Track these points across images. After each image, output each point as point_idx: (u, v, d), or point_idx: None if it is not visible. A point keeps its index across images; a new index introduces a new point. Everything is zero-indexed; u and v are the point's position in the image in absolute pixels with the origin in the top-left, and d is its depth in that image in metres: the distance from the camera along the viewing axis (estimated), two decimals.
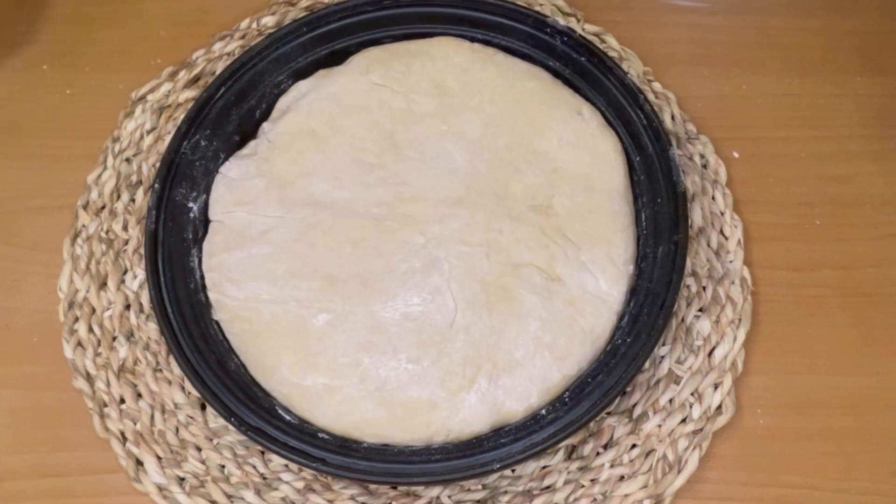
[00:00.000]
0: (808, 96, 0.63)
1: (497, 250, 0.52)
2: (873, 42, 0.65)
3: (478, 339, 0.50)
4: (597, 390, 0.48)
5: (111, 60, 0.64)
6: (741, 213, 0.58)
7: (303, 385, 0.49)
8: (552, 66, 0.58)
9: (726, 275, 0.56)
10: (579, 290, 0.51)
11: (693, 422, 0.52)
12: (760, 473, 0.52)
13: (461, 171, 0.55)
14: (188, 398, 0.53)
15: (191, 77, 0.62)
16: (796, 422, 0.53)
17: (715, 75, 0.64)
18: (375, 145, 0.55)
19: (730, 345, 0.54)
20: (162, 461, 0.51)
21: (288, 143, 0.55)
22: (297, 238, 0.53)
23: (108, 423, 0.52)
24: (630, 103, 0.56)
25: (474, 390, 0.49)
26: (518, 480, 0.51)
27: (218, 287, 0.52)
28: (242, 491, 0.50)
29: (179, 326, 0.50)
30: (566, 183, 0.54)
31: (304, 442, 0.47)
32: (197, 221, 0.54)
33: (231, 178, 0.55)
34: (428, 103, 0.57)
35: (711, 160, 0.60)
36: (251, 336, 0.51)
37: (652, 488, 0.50)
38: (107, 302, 0.55)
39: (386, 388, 0.49)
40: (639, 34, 0.64)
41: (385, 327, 0.50)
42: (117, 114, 0.61)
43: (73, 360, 0.54)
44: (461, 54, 0.58)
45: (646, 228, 0.54)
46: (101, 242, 0.57)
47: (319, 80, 0.58)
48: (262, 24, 0.64)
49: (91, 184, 0.59)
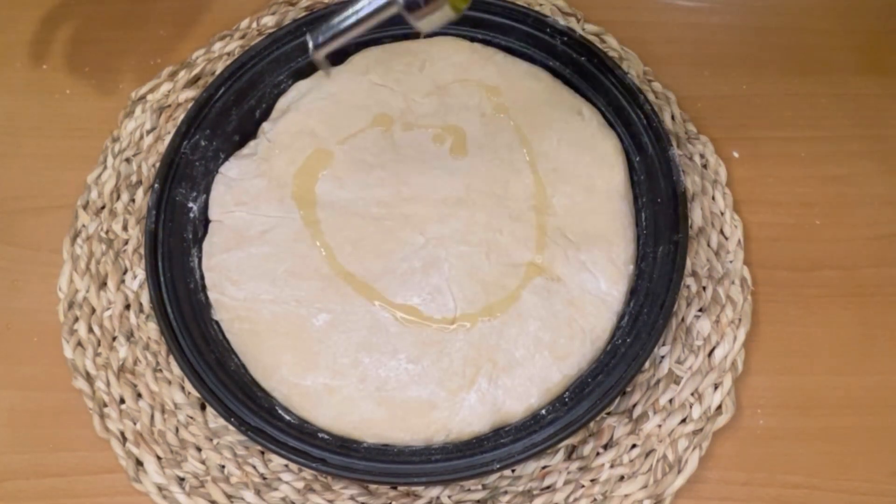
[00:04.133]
0: (808, 96, 0.63)
1: (497, 250, 0.52)
2: (873, 42, 0.65)
3: (478, 339, 0.50)
4: (597, 390, 0.48)
5: (111, 60, 0.64)
6: (741, 213, 0.58)
7: (303, 385, 0.49)
8: (552, 66, 0.58)
9: (726, 275, 0.56)
10: (579, 290, 0.51)
11: (693, 422, 0.52)
12: (760, 473, 0.52)
13: (461, 171, 0.55)
14: (188, 398, 0.53)
15: (191, 77, 0.62)
16: (796, 422, 0.53)
17: (715, 75, 0.64)
18: (375, 145, 0.56)
19: (730, 345, 0.54)
20: (162, 461, 0.51)
21: (288, 143, 0.56)
22: (297, 238, 0.53)
23: (108, 423, 0.52)
24: (630, 103, 0.56)
25: (474, 390, 0.49)
26: (518, 480, 0.51)
27: (218, 287, 0.52)
28: (242, 491, 0.50)
29: (179, 326, 0.50)
30: (566, 183, 0.54)
31: (304, 442, 0.47)
32: (197, 221, 0.54)
33: (231, 177, 0.55)
34: (428, 103, 0.57)
35: (711, 160, 0.60)
36: (251, 336, 0.51)
37: (652, 488, 0.50)
38: (107, 302, 0.55)
39: (386, 388, 0.49)
40: (639, 34, 0.64)
41: (385, 327, 0.50)
42: (117, 114, 0.61)
43: (73, 360, 0.54)
44: (461, 54, 0.58)
45: (646, 228, 0.54)
46: (101, 242, 0.57)
47: (319, 80, 0.58)
48: (262, 24, 0.64)
49: (91, 184, 0.59)
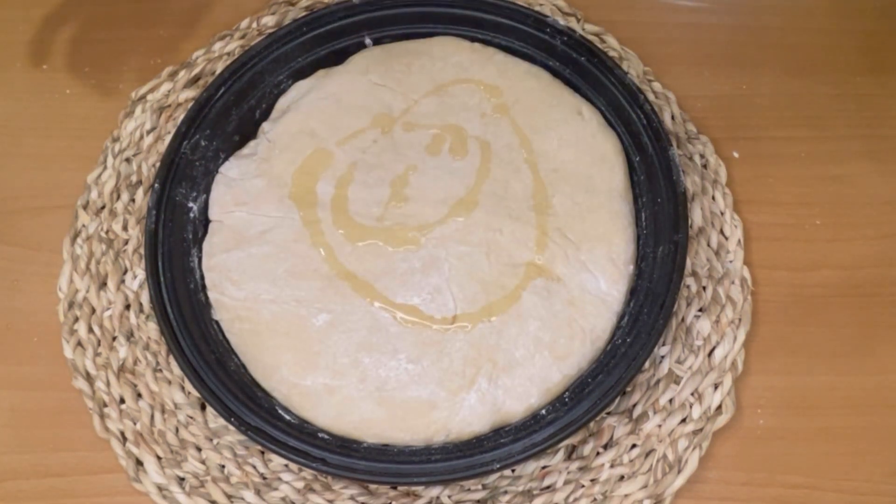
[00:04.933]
0: (808, 96, 0.63)
1: (497, 250, 0.52)
2: (873, 42, 0.65)
3: (478, 338, 0.50)
4: (597, 390, 0.48)
5: (111, 60, 0.64)
6: (741, 213, 0.58)
7: (303, 385, 0.49)
8: (552, 66, 0.58)
9: (726, 275, 0.56)
10: (579, 290, 0.51)
11: (693, 422, 0.52)
12: (760, 473, 0.52)
13: (461, 172, 0.55)
14: (188, 398, 0.53)
15: (191, 77, 0.62)
16: (796, 422, 0.53)
17: (715, 75, 0.64)
18: (375, 145, 0.56)
19: (730, 345, 0.54)
20: (162, 461, 0.51)
21: (288, 143, 0.55)
22: (297, 238, 0.53)
23: (108, 423, 0.52)
24: (630, 103, 0.55)
25: (474, 390, 0.49)
26: (518, 480, 0.51)
27: (218, 287, 0.52)
28: (242, 491, 0.50)
29: (179, 326, 0.50)
30: (566, 183, 0.54)
31: (304, 442, 0.47)
32: (197, 221, 0.54)
33: (231, 177, 0.55)
34: (428, 103, 0.57)
35: (711, 160, 0.60)
36: (251, 336, 0.51)
37: (652, 488, 0.50)
38: (107, 302, 0.55)
39: (386, 388, 0.49)
40: (639, 34, 0.64)
41: (385, 327, 0.50)
42: (117, 114, 0.61)
43: (73, 360, 0.54)
44: (461, 54, 0.58)
45: (646, 228, 0.54)
46: (101, 242, 0.57)
47: (319, 80, 0.58)
48: (262, 24, 0.64)
49: (91, 184, 0.59)
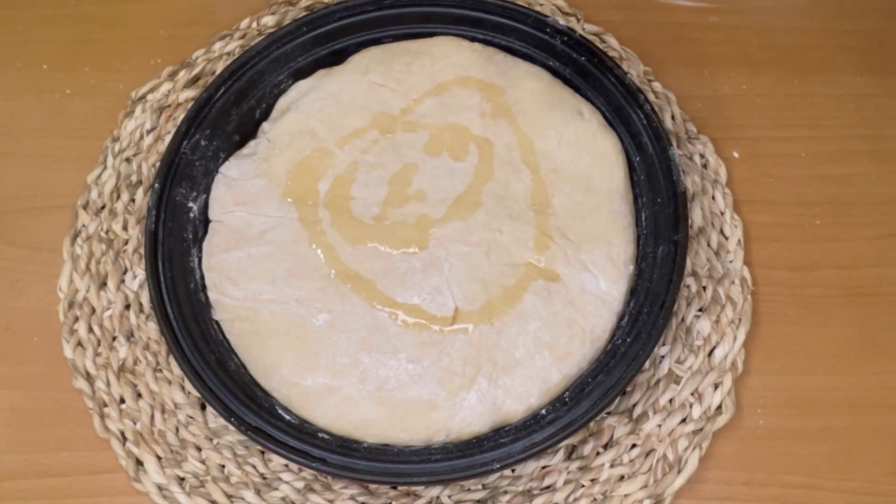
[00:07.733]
0: (808, 96, 0.63)
1: (497, 250, 0.52)
2: (873, 42, 0.65)
3: (478, 338, 0.50)
4: (597, 390, 0.48)
5: (111, 60, 0.64)
6: (741, 213, 0.58)
7: (303, 385, 0.49)
8: (552, 66, 0.58)
9: (726, 275, 0.56)
10: (579, 290, 0.51)
11: (693, 422, 0.52)
12: (760, 473, 0.52)
13: (461, 171, 0.55)
14: (188, 398, 0.53)
15: (191, 77, 0.62)
16: (796, 422, 0.53)
17: (715, 75, 0.64)
18: (375, 145, 0.56)
19: (730, 345, 0.54)
20: (162, 461, 0.51)
21: (288, 142, 0.55)
22: (297, 238, 0.53)
23: (108, 423, 0.52)
24: (630, 103, 0.55)
25: (474, 390, 0.49)
26: (518, 480, 0.51)
27: (218, 287, 0.52)
28: (242, 491, 0.50)
29: (179, 326, 0.50)
30: (566, 183, 0.54)
31: (304, 442, 0.47)
32: (197, 221, 0.54)
33: (231, 177, 0.55)
34: (428, 103, 0.57)
35: (711, 160, 0.60)
36: (251, 336, 0.51)
37: (652, 488, 0.50)
38: (107, 302, 0.55)
39: (386, 387, 0.49)
40: (639, 34, 0.64)
41: (385, 327, 0.50)
42: (117, 114, 0.61)
43: (73, 360, 0.54)
44: (461, 54, 0.58)
45: (646, 228, 0.54)
46: (101, 242, 0.57)
47: (319, 80, 0.58)
48: (262, 23, 0.64)
49: (91, 184, 0.59)
